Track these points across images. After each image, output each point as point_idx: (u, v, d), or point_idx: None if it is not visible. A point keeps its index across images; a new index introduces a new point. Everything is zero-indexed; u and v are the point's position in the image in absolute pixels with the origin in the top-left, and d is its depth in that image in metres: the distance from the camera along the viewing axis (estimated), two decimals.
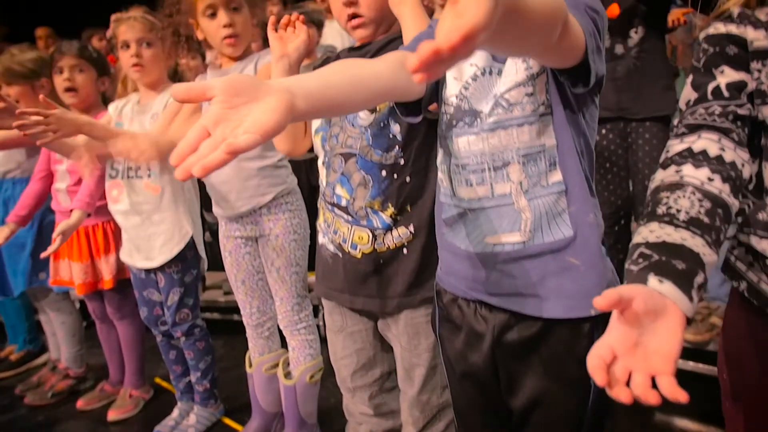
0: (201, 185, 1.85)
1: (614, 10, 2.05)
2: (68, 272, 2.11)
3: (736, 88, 0.77)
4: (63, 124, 1.46)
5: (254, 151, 1.56)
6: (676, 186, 0.71)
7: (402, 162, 1.13)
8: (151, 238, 1.89)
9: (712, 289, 2.03)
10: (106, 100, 2.10)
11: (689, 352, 1.92)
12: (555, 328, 0.88)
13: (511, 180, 0.88)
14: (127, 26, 1.78)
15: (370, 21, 1.15)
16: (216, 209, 1.69)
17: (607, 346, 0.57)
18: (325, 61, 1.29)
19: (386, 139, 1.13)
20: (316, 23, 2.66)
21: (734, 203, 0.71)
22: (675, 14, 2.14)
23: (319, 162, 1.24)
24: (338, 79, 0.70)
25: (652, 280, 0.63)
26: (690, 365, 1.93)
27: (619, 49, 2.00)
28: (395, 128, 1.12)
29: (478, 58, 0.90)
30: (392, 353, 1.26)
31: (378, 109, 1.13)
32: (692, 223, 0.67)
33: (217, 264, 2.05)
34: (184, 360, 2.02)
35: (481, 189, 0.90)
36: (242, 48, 1.56)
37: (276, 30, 1.21)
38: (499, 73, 0.88)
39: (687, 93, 0.81)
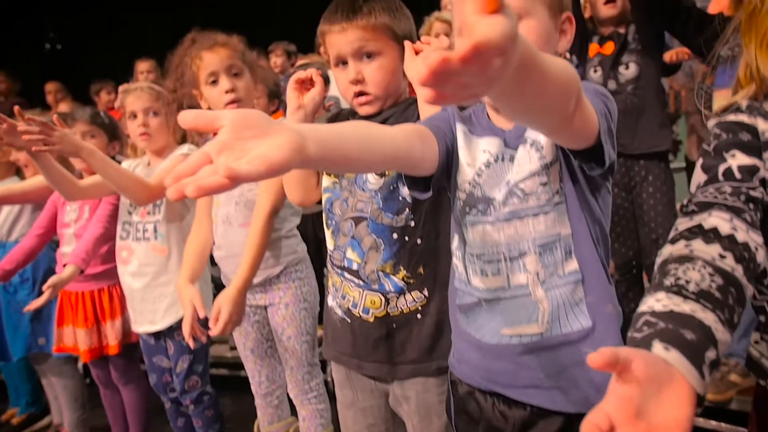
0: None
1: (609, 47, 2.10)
2: (72, 338, 2.07)
3: (749, 171, 0.75)
4: (65, 142, 1.54)
5: None
6: (686, 259, 0.67)
7: (412, 224, 1.13)
8: (156, 301, 1.88)
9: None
10: None
11: (710, 410, 1.87)
12: (578, 422, 0.85)
13: (527, 270, 0.86)
14: (134, 97, 1.81)
15: (376, 98, 1.16)
16: (225, 281, 1.68)
17: (602, 412, 0.51)
18: (334, 118, 1.30)
19: (396, 202, 1.13)
20: (323, 78, 2.68)
21: (748, 286, 0.67)
22: (675, 50, 2.18)
23: (324, 225, 1.24)
24: (352, 133, 0.69)
25: (657, 347, 0.57)
26: (712, 424, 1.87)
27: (611, 84, 2.05)
28: (404, 191, 1.12)
29: (491, 145, 0.89)
30: (405, 427, 1.23)
31: (387, 172, 1.14)
32: (703, 296, 0.62)
33: None
34: (193, 428, 1.97)
35: (497, 279, 0.88)
36: None
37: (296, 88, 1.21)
38: (512, 159, 0.88)
39: (697, 176, 0.79)
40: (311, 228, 2.72)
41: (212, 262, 2.21)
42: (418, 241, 1.13)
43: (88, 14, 7.44)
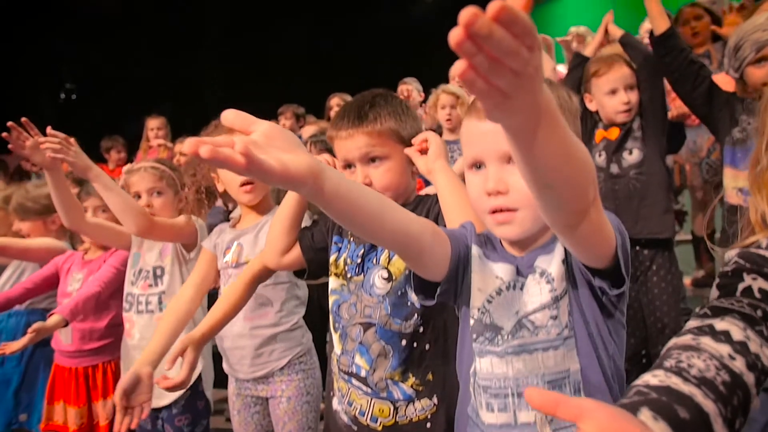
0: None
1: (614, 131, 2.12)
2: (63, 416, 2.00)
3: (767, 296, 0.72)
4: (78, 158, 1.62)
5: (271, 319, 1.54)
6: (691, 347, 0.61)
7: (421, 330, 1.12)
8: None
9: None
10: None
11: None
12: None
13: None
14: (138, 177, 1.82)
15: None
16: (226, 367, 1.63)
17: None
18: None
19: (405, 308, 1.12)
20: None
21: (756, 399, 0.60)
22: (675, 108, 2.19)
23: (331, 326, 1.21)
24: (370, 193, 0.71)
25: (645, 413, 0.51)
26: None
27: (614, 168, 2.07)
28: (413, 296, 1.09)
29: (505, 272, 0.88)
30: None
31: (394, 277, 1.13)
32: (705, 384, 0.56)
33: (219, 381, 1.93)
34: None
35: (504, 416, 0.85)
36: (260, 195, 1.55)
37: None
38: (522, 287, 0.86)
39: (712, 294, 0.76)
40: (316, 296, 2.68)
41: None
42: (427, 346, 1.12)
43: (105, 65, 7.64)
